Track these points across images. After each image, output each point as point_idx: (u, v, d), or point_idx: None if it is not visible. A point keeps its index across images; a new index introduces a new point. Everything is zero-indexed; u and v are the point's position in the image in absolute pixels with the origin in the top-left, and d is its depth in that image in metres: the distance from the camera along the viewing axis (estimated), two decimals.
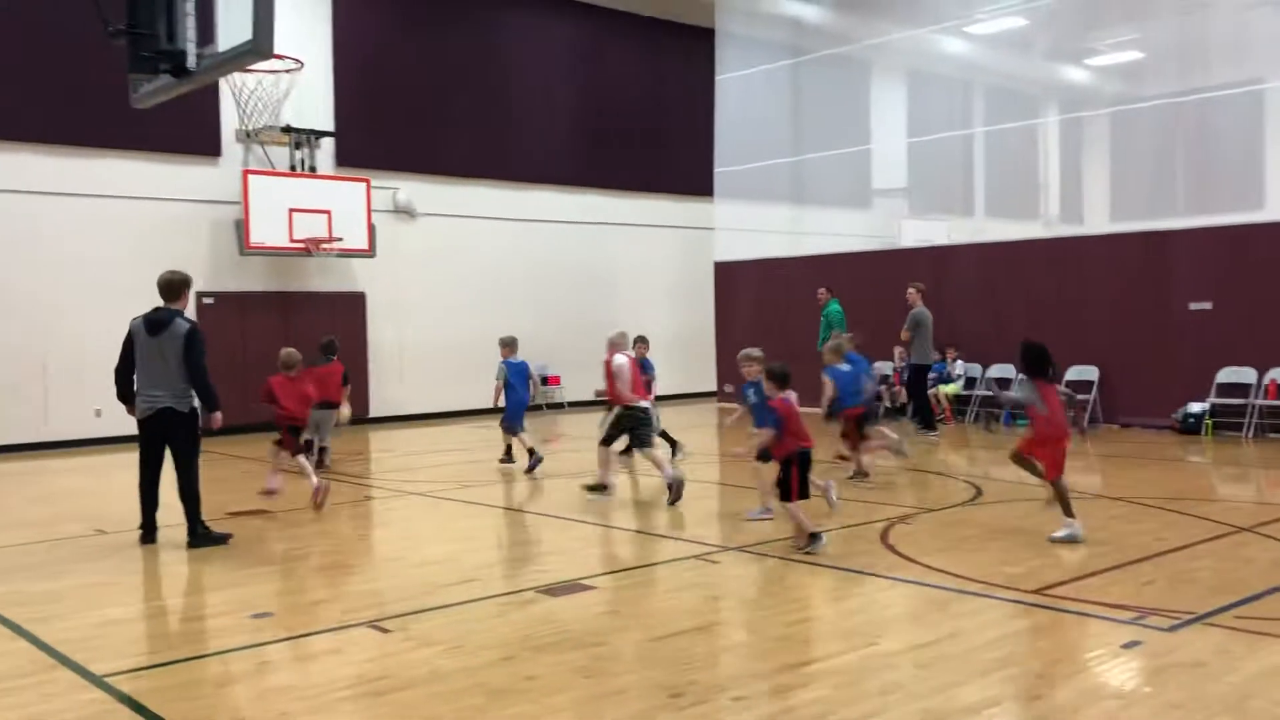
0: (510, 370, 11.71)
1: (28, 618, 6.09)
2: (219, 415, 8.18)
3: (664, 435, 12.27)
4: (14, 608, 6.33)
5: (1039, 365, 7.73)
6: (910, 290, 15.03)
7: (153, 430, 8.13)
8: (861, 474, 10.41)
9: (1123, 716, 4.28)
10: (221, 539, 8.18)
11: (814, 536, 7.36)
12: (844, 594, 6.38)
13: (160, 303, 8.22)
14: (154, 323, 8.10)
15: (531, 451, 11.50)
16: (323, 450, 12.29)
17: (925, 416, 14.76)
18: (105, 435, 14.43)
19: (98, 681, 4.98)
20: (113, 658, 5.36)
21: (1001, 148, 19.65)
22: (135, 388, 8.13)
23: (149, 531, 8.21)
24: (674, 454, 12.01)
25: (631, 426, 9.94)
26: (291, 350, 10.11)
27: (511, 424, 11.84)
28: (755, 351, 8.62)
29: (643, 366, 12.23)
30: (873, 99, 22.18)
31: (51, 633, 5.78)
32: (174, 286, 8.24)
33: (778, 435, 7.50)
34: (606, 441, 9.95)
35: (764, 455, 7.98)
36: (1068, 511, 7.56)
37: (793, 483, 7.39)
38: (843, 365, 10.25)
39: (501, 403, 11.87)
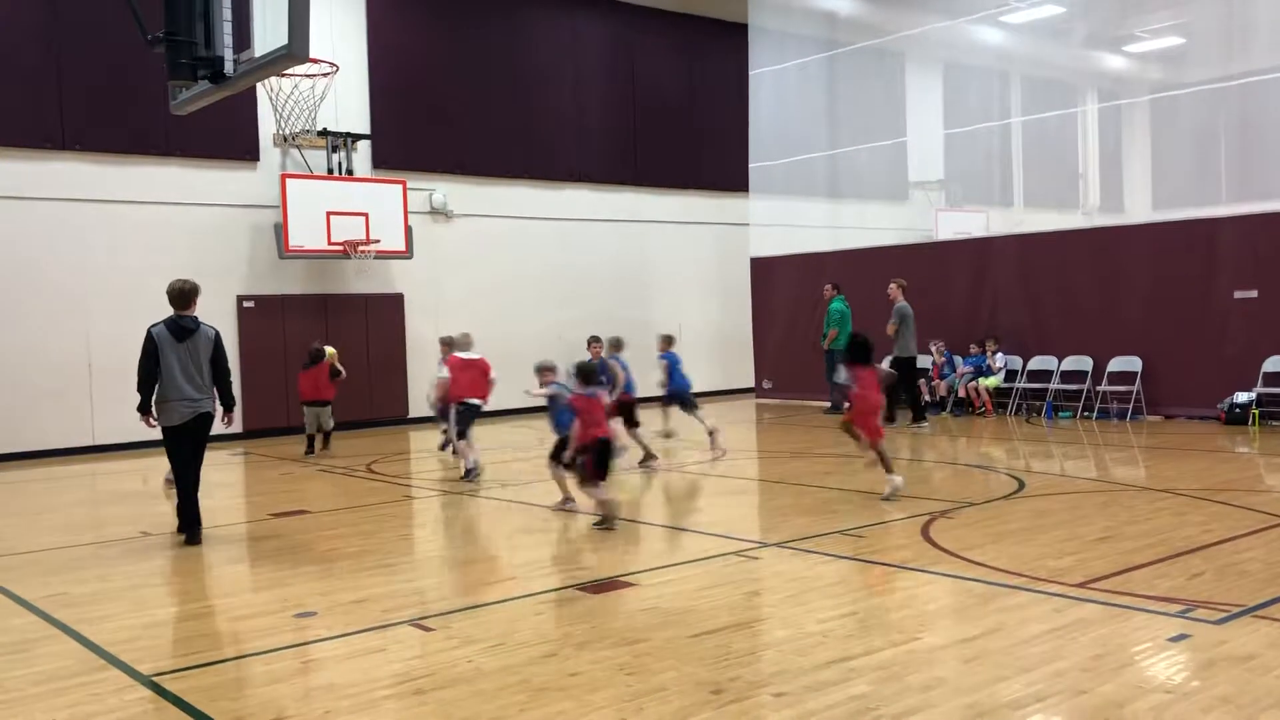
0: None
1: (76, 619, 6.19)
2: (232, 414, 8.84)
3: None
4: (63, 609, 6.44)
5: (860, 354, 9.35)
6: (892, 285, 15.06)
7: (189, 433, 8.34)
8: (650, 456, 11.68)
9: (1171, 710, 4.22)
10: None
11: (610, 506, 8.27)
12: (885, 589, 6.34)
13: (171, 310, 8.37)
14: (182, 329, 8.28)
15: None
16: (327, 437, 14.18)
17: (915, 409, 14.94)
18: (149, 439, 14.61)
19: (145, 681, 5.05)
20: (159, 657, 5.44)
21: (1040, 137, 19.42)
22: (163, 395, 8.26)
23: (193, 533, 8.34)
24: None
25: (461, 417, 11.29)
26: None
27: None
28: (549, 362, 9.88)
29: (599, 369, 11.67)
30: (908, 91, 22.02)
31: (100, 633, 5.86)
32: (186, 294, 8.41)
33: (578, 427, 8.36)
34: (461, 436, 11.36)
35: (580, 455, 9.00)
36: (888, 469, 9.08)
37: (589, 467, 8.32)
38: (623, 356, 11.81)
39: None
